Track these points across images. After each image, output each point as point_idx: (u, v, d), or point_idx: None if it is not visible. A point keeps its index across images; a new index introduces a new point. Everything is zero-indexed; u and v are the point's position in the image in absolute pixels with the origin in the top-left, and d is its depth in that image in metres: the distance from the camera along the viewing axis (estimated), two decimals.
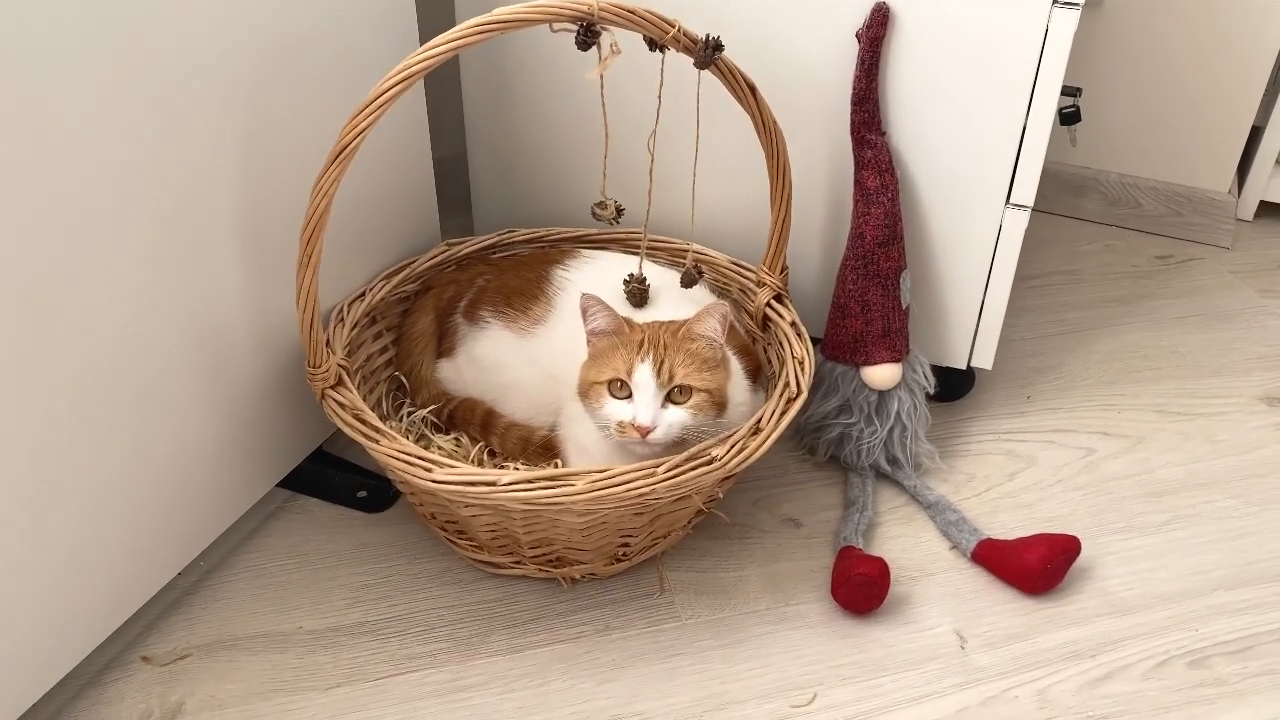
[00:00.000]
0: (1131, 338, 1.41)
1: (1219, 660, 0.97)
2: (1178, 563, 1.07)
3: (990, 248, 1.12)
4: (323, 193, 0.84)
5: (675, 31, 0.87)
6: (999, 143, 1.06)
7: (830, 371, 1.13)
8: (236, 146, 0.90)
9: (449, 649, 0.96)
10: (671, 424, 0.90)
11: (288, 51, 0.93)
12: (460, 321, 1.10)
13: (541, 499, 0.86)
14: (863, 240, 1.08)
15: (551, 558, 0.99)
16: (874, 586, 0.98)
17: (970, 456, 1.20)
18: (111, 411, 0.84)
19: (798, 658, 0.96)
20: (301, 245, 0.86)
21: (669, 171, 1.02)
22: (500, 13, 0.82)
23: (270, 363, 1.00)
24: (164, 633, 0.96)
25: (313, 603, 1.00)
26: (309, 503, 1.11)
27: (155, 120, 0.81)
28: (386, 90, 0.82)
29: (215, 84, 0.86)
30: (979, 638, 0.98)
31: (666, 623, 0.99)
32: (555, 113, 1.23)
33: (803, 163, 1.10)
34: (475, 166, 1.32)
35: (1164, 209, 1.63)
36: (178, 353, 0.89)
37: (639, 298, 1.05)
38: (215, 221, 0.90)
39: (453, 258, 1.17)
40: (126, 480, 0.87)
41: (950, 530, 1.08)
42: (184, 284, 0.88)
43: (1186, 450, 1.21)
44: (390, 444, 0.90)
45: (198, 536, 0.98)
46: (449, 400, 1.10)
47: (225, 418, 0.96)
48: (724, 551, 1.07)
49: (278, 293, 0.97)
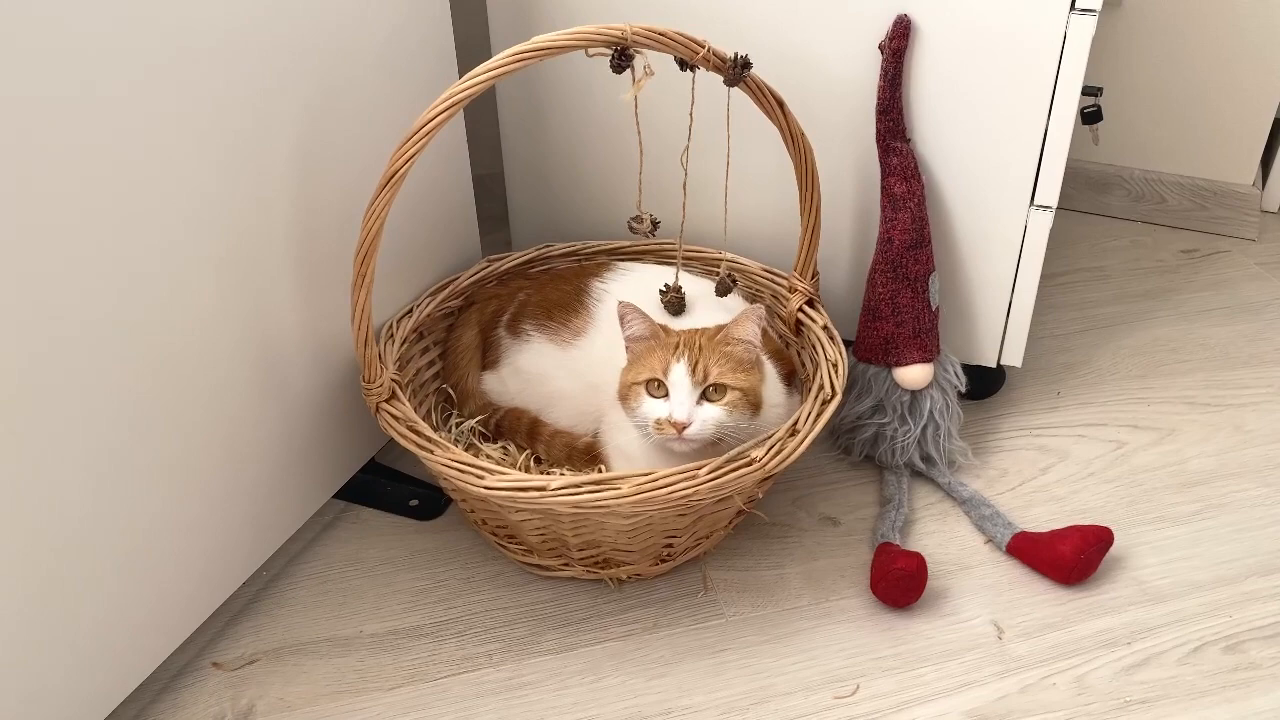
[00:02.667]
0: (1160, 331, 1.43)
1: (1254, 645, 0.99)
2: (1210, 551, 1.09)
3: (1016, 248, 1.14)
4: (375, 216, 0.89)
5: (705, 52, 0.91)
6: (1021, 146, 1.09)
7: (863, 373, 1.17)
8: (290, 175, 0.94)
9: (504, 649, 1.00)
10: (706, 420, 0.94)
11: (335, 83, 0.97)
12: (503, 335, 1.14)
13: (589, 502, 0.90)
14: (891, 244, 1.11)
15: (599, 559, 1.03)
16: (912, 581, 1.01)
17: (1003, 452, 1.22)
18: (181, 430, 0.89)
19: (840, 651, 0.99)
20: (356, 267, 0.90)
21: (701, 184, 1.06)
22: (538, 41, 0.86)
23: (325, 379, 1.05)
24: (232, 639, 1.01)
25: (372, 607, 1.04)
26: (363, 512, 1.15)
27: (220, 154, 0.86)
28: (432, 118, 0.86)
29: (271, 117, 0.91)
30: (1016, 628, 1.01)
31: (712, 620, 1.02)
32: (588, 129, 1.27)
33: (830, 171, 1.13)
34: (512, 183, 1.36)
35: (1189, 203, 1.65)
36: (240, 372, 0.94)
37: (676, 306, 1.09)
38: (271, 248, 0.94)
39: (494, 273, 1.22)
40: (195, 494, 0.92)
41: (985, 524, 1.11)
42: (244, 308, 0.93)
43: (1217, 441, 1.23)
44: (444, 453, 0.94)
45: (261, 546, 1.03)
46: (495, 410, 1.14)
47: (284, 433, 1.01)
48: (765, 550, 1.10)
49: (330, 312, 1.02)
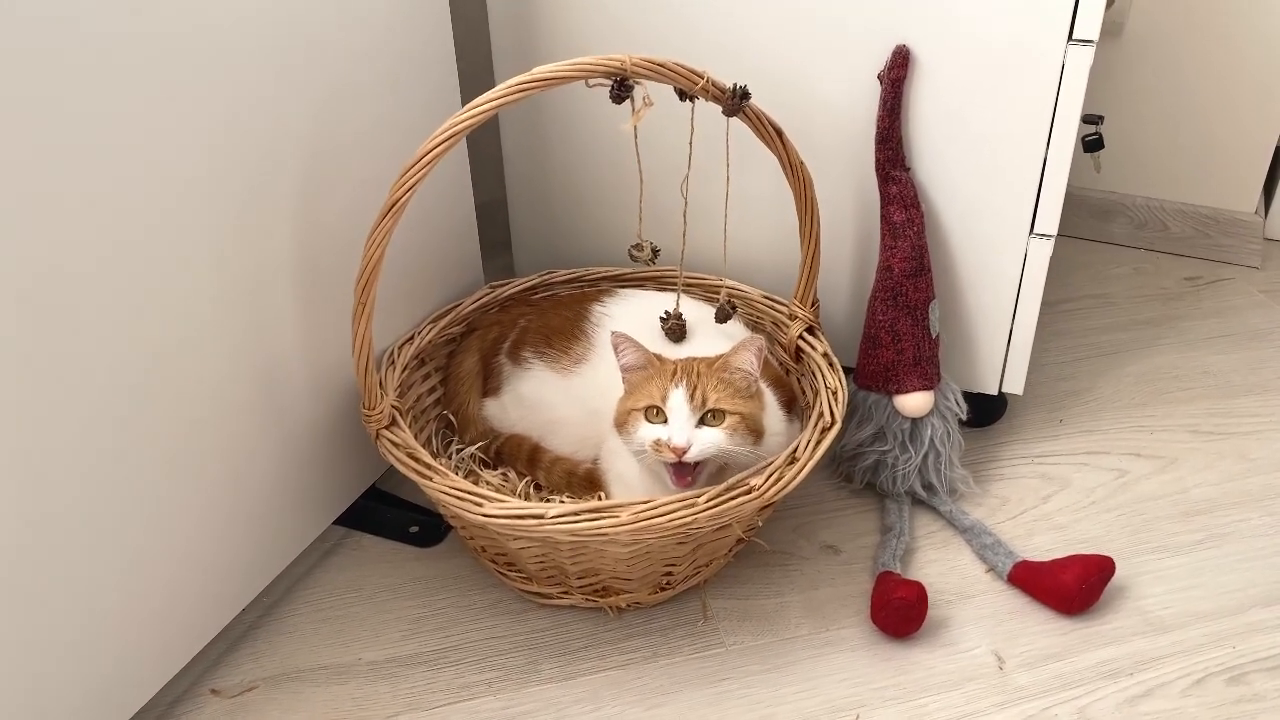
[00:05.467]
0: (1162, 359, 1.43)
1: (1257, 676, 0.98)
2: (1213, 581, 1.08)
3: (1016, 276, 1.15)
4: (376, 244, 0.89)
5: (704, 82, 0.91)
6: (1021, 175, 1.09)
7: (864, 400, 1.17)
8: (293, 202, 0.95)
9: (502, 677, 0.99)
10: (705, 443, 0.94)
11: (338, 110, 0.98)
12: (504, 362, 1.15)
13: (587, 530, 0.90)
14: (891, 273, 1.11)
15: (598, 587, 1.03)
16: (912, 610, 1.01)
17: (1004, 480, 1.22)
18: (181, 455, 0.89)
19: (841, 680, 0.98)
20: (356, 295, 0.91)
21: (702, 211, 1.06)
22: (538, 72, 0.87)
23: (326, 405, 1.05)
24: (231, 666, 1.01)
25: (371, 635, 1.04)
26: (363, 538, 1.15)
27: (222, 180, 0.87)
28: (434, 148, 0.87)
29: (274, 143, 0.92)
30: (1017, 658, 1.00)
31: (712, 649, 1.02)
32: (591, 156, 1.27)
33: (830, 200, 1.14)
34: (515, 210, 1.37)
35: (1191, 230, 1.65)
36: (241, 398, 0.94)
37: (677, 333, 1.09)
38: (273, 274, 0.95)
39: (496, 300, 1.22)
40: (195, 520, 0.92)
41: (986, 553, 1.10)
42: (246, 334, 0.93)
43: (1220, 469, 1.23)
44: (443, 481, 0.94)
45: (261, 573, 1.03)
46: (495, 437, 1.14)
47: (285, 459, 1.01)
48: (765, 579, 1.10)
49: (331, 338, 1.02)
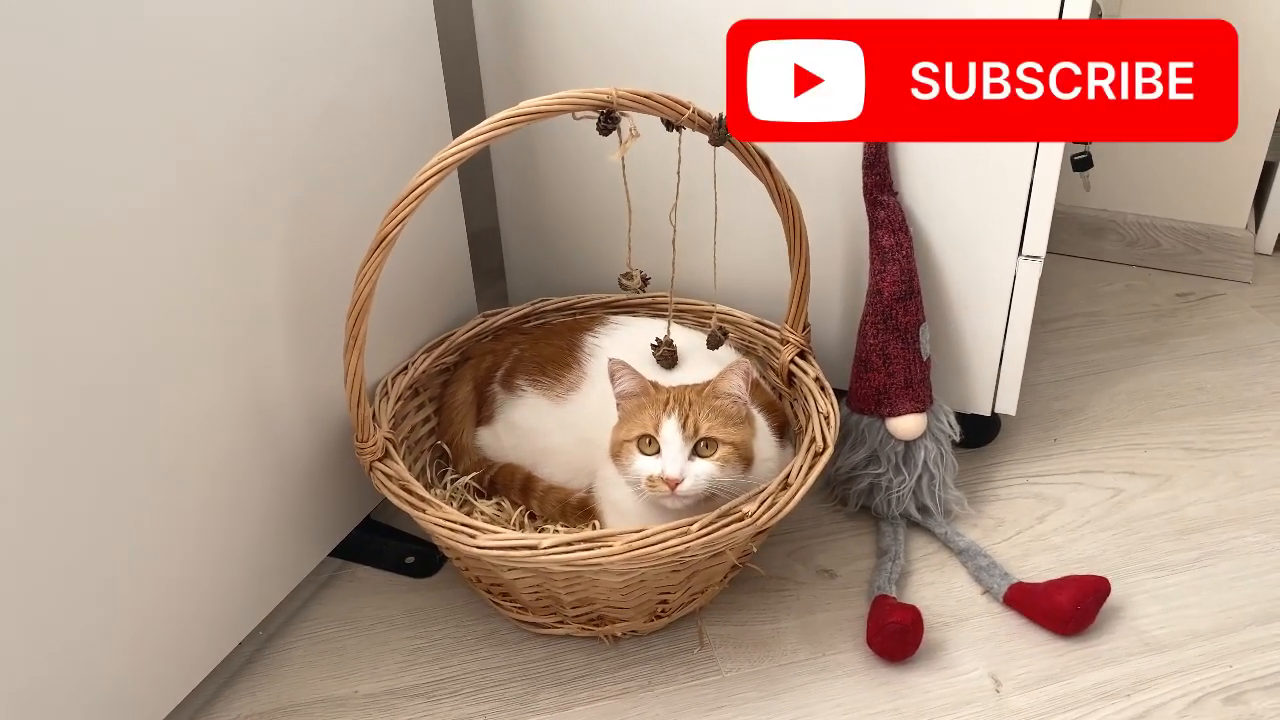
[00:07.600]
0: (1155, 376, 1.43)
1: (1255, 695, 0.98)
2: (1209, 599, 1.08)
3: (1006, 298, 1.15)
4: (366, 279, 0.90)
5: (690, 113, 0.92)
6: (1008, 198, 1.10)
7: (857, 424, 1.17)
8: (284, 234, 0.96)
9: (499, 708, 0.99)
10: (699, 475, 0.94)
11: (330, 143, 0.99)
12: (498, 390, 1.15)
13: (581, 560, 0.90)
14: (880, 296, 1.12)
15: (593, 616, 1.03)
16: (908, 634, 1.01)
17: (999, 501, 1.22)
18: (176, 489, 0.89)
19: (837, 706, 0.98)
20: (348, 329, 0.91)
21: (691, 238, 1.07)
22: (525, 106, 0.88)
23: (320, 437, 1.05)
24: (228, 701, 1.01)
25: (368, 667, 1.04)
26: (359, 570, 1.15)
27: (213, 213, 0.88)
28: (423, 181, 0.88)
29: (266, 177, 0.92)
30: (1014, 680, 1.00)
31: (708, 677, 1.02)
32: (584, 184, 1.28)
33: (820, 224, 1.14)
34: (508, 238, 1.38)
35: (1183, 247, 1.66)
36: (235, 431, 0.94)
37: (668, 360, 1.10)
38: (266, 307, 0.95)
39: (489, 328, 1.23)
40: (190, 553, 0.92)
41: (981, 575, 1.10)
42: (239, 367, 0.94)
43: (1214, 486, 1.23)
44: (436, 512, 0.94)
45: (257, 606, 1.03)
46: (490, 466, 1.14)
47: (280, 491, 1.02)
48: (761, 604, 1.10)
49: (324, 370, 1.03)
